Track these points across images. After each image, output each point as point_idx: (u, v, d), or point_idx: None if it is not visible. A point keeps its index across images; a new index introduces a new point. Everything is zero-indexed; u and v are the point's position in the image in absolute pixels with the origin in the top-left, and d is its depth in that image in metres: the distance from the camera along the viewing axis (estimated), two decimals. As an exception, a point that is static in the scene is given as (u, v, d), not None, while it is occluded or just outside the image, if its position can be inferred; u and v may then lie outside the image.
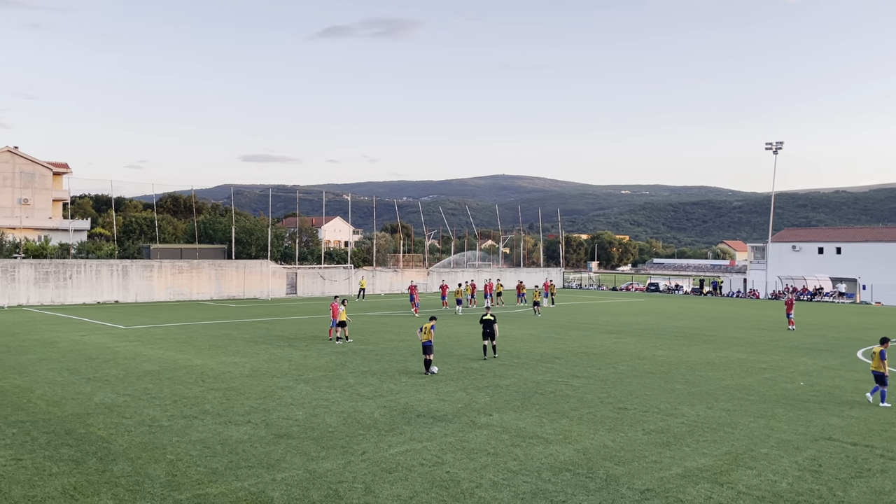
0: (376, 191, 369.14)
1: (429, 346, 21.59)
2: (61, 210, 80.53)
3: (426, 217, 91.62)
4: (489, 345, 25.05)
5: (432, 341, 21.79)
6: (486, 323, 24.89)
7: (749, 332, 35.43)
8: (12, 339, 28.84)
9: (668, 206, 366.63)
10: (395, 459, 12.49)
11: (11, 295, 47.19)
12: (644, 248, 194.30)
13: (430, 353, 21.56)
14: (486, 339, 25.05)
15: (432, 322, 22.28)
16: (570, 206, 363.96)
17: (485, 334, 24.97)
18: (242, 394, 18.03)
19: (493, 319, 24.98)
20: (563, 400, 17.91)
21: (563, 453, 13.09)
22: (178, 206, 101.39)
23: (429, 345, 21.59)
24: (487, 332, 24.87)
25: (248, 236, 67.42)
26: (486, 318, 25.05)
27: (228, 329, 33.46)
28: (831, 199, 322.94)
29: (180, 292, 54.46)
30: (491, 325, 24.82)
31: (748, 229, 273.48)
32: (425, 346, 21.61)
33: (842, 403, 18.09)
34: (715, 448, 13.61)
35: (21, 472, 11.52)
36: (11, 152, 77.14)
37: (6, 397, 17.27)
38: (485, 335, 24.97)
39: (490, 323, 24.84)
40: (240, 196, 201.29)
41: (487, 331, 24.86)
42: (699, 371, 22.91)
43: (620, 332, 34.73)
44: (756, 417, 16.27)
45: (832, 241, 75.03)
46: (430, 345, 21.64)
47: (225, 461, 12.23)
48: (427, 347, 21.57)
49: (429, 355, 21.55)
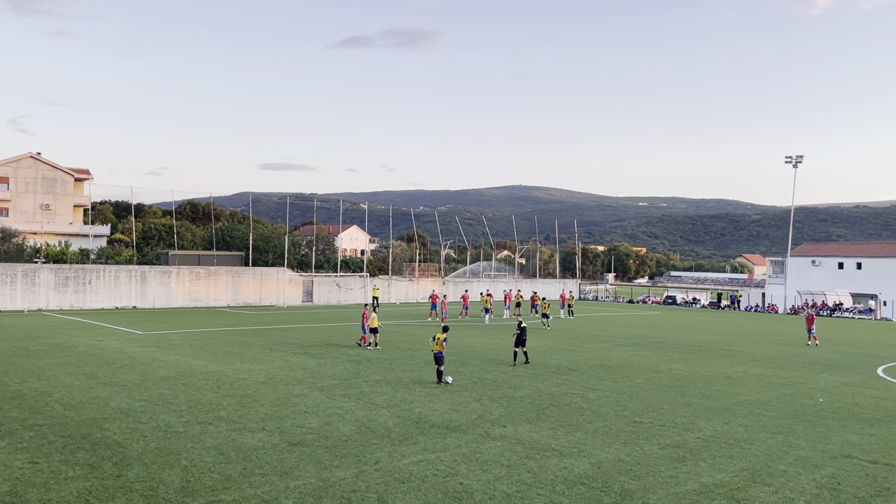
0: (393, 200, 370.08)
1: (440, 357, 21.54)
2: (82, 216, 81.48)
3: (442, 226, 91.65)
4: (520, 351, 26.09)
5: (443, 353, 21.71)
6: (522, 331, 26.08)
7: (767, 347, 35.07)
8: (32, 342, 29.12)
9: (685, 219, 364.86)
10: (409, 469, 12.46)
11: (32, 299, 47.70)
12: (661, 261, 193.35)
13: (441, 363, 21.52)
14: (517, 346, 26.09)
15: (445, 334, 22.14)
16: (586, 217, 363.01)
17: (517, 341, 25.99)
18: (257, 401, 18.08)
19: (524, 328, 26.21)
20: (579, 412, 17.79)
21: (577, 466, 12.99)
22: (196, 212, 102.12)
23: (440, 356, 21.54)
24: (521, 340, 25.94)
25: (265, 244, 67.77)
26: (522, 325, 26.30)
27: (244, 336, 33.60)
28: (852, 214, 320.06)
29: (197, 298, 54.80)
30: (524, 334, 26.03)
31: (767, 243, 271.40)
32: (437, 356, 21.56)
33: (861, 421, 17.84)
34: (732, 464, 13.46)
35: (37, 475, 11.60)
36: (34, 158, 78.23)
37: (25, 401, 17.43)
38: (517, 342, 26.01)
39: (524, 330, 26.08)
40: (258, 203, 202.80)
41: (523, 337, 25.97)
42: (716, 385, 22.69)
43: (637, 344, 34.50)
44: (774, 433, 16.08)
45: (852, 256, 74.22)
46: (442, 356, 21.59)
47: (239, 468, 12.25)
48: (438, 358, 21.53)
49: (440, 366, 21.52)
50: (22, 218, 73.50)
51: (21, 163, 77.48)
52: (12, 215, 73.99)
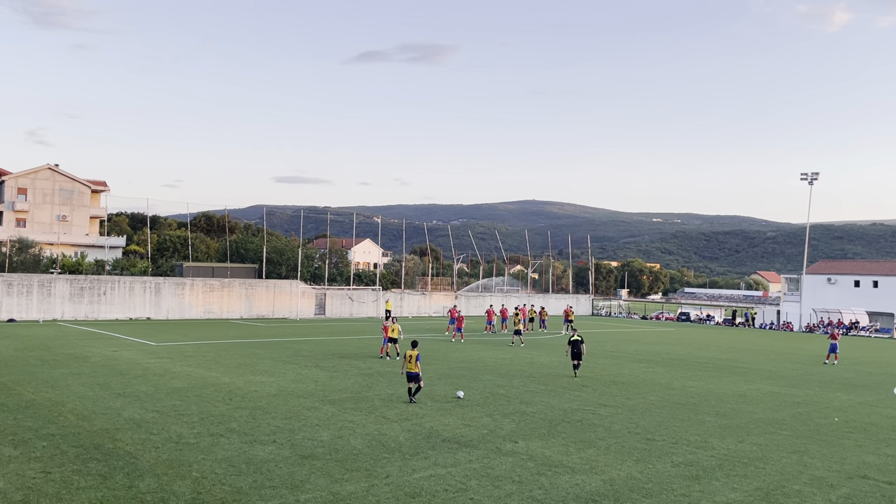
0: (406, 214, 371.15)
1: (413, 376, 19.93)
2: (98, 227, 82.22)
3: (455, 241, 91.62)
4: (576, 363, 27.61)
5: (419, 373, 19.97)
6: (574, 343, 27.49)
7: (782, 365, 34.75)
8: (46, 352, 29.33)
9: (700, 235, 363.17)
10: (419, 484, 12.41)
11: (47, 309, 48.09)
12: (675, 277, 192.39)
13: (415, 380, 20.03)
14: (574, 359, 27.48)
15: (415, 350, 20.23)
16: (600, 232, 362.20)
17: (573, 354, 27.42)
18: (269, 413, 18.09)
19: (581, 340, 27.70)
20: (591, 429, 17.68)
21: (589, 483, 12.90)
22: (211, 225, 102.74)
23: (414, 375, 19.91)
24: (575, 353, 27.36)
25: (278, 256, 68.09)
26: (573, 338, 27.71)
27: (257, 348, 33.69)
28: (868, 232, 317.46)
29: (211, 310, 55.05)
30: (578, 346, 27.39)
31: (782, 260, 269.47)
32: (409, 375, 20.02)
33: (878, 441, 17.63)
34: (745, 483, 13.31)
35: (49, 484, 11.65)
36: (52, 170, 79.16)
37: (38, 410, 17.54)
38: (573, 355, 27.43)
39: (578, 343, 27.41)
40: (272, 216, 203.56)
41: (575, 351, 27.36)
42: (730, 403, 22.50)
43: (650, 361, 34.29)
44: (788, 453, 15.91)
45: (869, 274, 73.54)
46: (416, 374, 19.88)
47: (249, 480, 12.25)
48: (411, 376, 19.99)
49: (413, 383, 20.09)
50: (39, 229, 74.31)
51: (39, 174, 78.43)
52: (30, 226, 74.81)
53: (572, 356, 27.53)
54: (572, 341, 27.67)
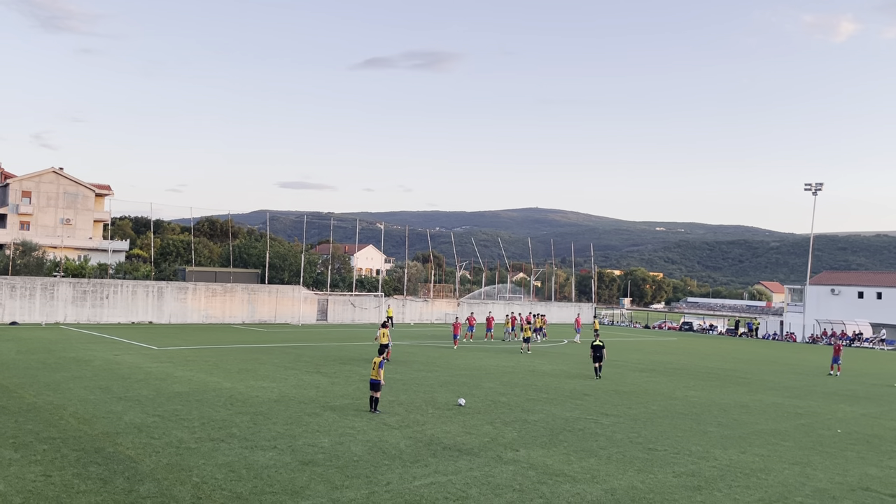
0: (410, 220, 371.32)
1: (376, 384, 19.33)
2: (101, 231, 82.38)
3: (458, 248, 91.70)
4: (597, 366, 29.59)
5: (381, 381, 19.29)
6: (596, 348, 29.58)
7: (785, 376, 34.65)
8: (48, 356, 29.34)
9: (703, 245, 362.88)
10: (419, 492, 12.37)
11: (49, 312, 48.13)
12: (678, 287, 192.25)
13: (376, 390, 19.38)
14: (596, 362, 29.58)
15: (381, 357, 19.90)
16: (603, 241, 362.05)
17: (595, 357, 29.62)
18: (270, 419, 18.07)
19: (602, 345, 29.82)
20: (592, 438, 17.63)
21: (590, 493, 12.85)
22: (214, 229, 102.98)
23: (376, 383, 19.30)
24: (597, 356, 29.54)
25: (281, 262, 68.11)
26: (595, 343, 29.82)
27: (258, 353, 33.67)
28: (872, 243, 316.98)
29: (213, 315, 55.04)
30: (600, 350, 29.50)
31: (786, 271, 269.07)
32: (372, 383, 19.38)
33: (881, 453, 17.55)
34: (748, 494, 13.25)
35: (50, 488, 11.63)
36: (56, 173, 79.38)
37: (39, 414, 17.53)
38: (595, 358, 29.61)
39: (599, 348, 29.51)
40: (275, 222, 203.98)
41: (597, 354, 29.53)
42: (733, 414, 22.42)
43: (652, 370, 34.21)
44: (791, 464, 15.84)
45: (872, 285, 73.38)
46: (377, 383, 19.27)
47: (249, 486, 12.23)
48: (374, 385, 19.38)
49: (375, 392, 19.41)
50: (43, 232, 74.49)
51: (43, 177, 78.64)
52: (33, 229, 75.00)
53: (594, 359, 29.69)
54: (594, 346, 29.81)
